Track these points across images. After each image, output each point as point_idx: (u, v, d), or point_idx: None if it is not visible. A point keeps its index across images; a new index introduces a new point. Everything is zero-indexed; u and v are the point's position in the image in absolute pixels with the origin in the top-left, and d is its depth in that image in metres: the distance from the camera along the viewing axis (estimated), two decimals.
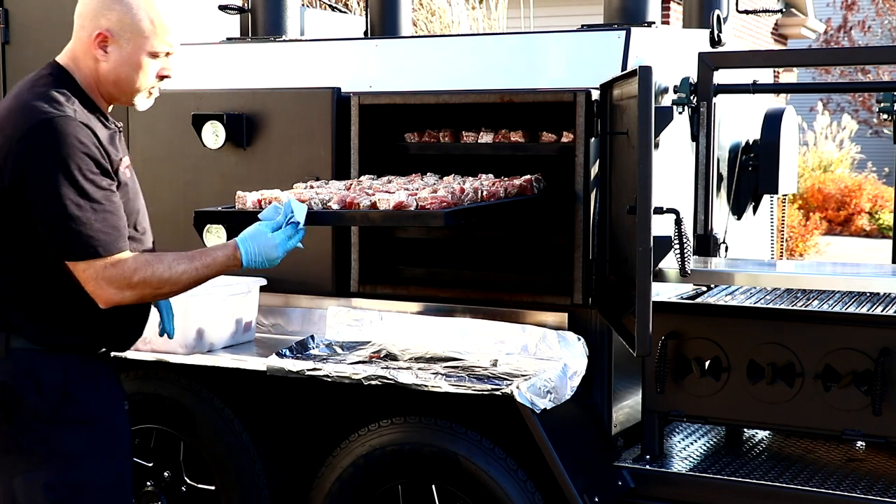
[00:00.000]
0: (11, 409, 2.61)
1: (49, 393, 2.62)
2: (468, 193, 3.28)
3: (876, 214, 17.72)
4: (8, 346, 2.62)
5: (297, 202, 2.83)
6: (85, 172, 2.55)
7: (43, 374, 2.62)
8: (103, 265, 2.57)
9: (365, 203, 3.15)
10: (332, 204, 3.20)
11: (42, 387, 2.62)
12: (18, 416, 2.61)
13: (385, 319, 3.73)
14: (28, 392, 2.61)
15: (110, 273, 2.58)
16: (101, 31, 2.67)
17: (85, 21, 2.71)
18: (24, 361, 2.62)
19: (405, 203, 3.08)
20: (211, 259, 2.71)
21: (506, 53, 3.85)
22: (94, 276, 2.57)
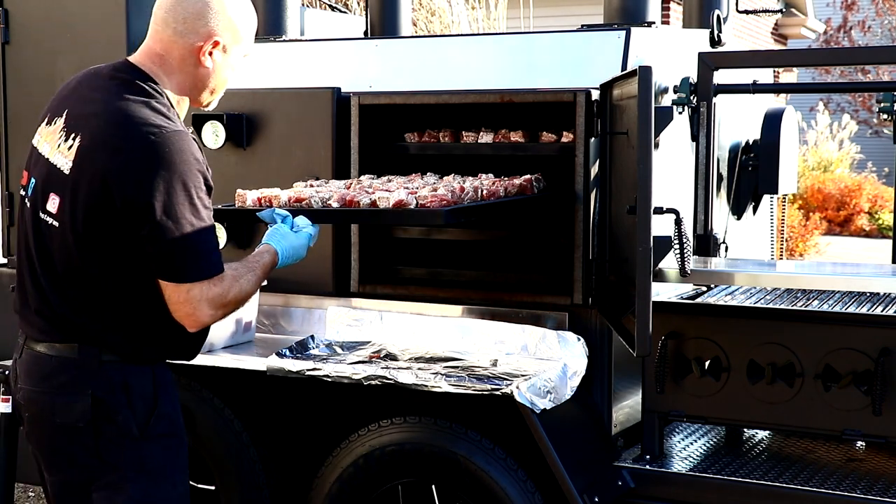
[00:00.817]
0: (102, 424, 2.56)
1: (140, 407, 2.58)
2: (468, 192, 3.29)
3: (876, 214, 17.72)
4: (100, 359, 2.56)
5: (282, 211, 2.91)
6: (198, 191, 2.51)
7: (134, 388, 2.58)
8: (209, 285, 2.52)
9: (365, 201, 3.16)
10: (331, 202, 3.21)
11: (133, 401, 2.58)
12: (108, 431, 2.56)
13: (385, 319, 3.73)
14: (120, 406, 2.56)
15: (213, 293, 2.53)
16: (214, 37, 2.62)
17: (186, 26, 2.61)
18: (117, 374, 2.57)
19: (405, 201, 3.11)
20: (263, 267, 2.71)
21: (506, 53, 3.85)
22: (197, 297, 2.51)
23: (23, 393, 2.63)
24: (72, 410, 2.55)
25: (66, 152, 2.53)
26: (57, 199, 2.53)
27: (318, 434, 3.84)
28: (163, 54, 2.64)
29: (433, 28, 9.88)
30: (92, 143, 2.49)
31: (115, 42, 4.30)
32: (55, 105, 2.68)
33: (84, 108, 2.57)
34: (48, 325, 2.59)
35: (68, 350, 2.57)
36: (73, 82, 2.70)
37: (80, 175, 2.49)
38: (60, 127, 2.58)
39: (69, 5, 4.41)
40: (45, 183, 2.57)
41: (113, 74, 2.61)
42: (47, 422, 2.58)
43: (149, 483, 2.59)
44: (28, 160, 2.70)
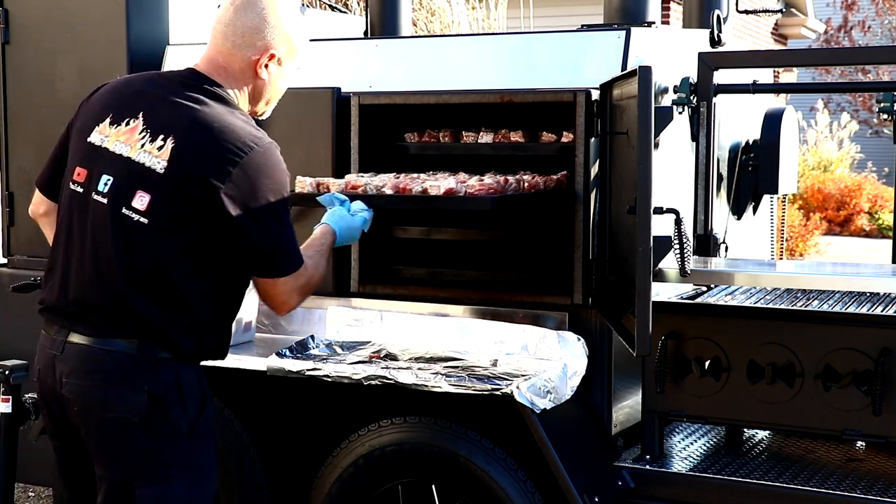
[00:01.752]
0: (155, 420, 2.62)
1: (190, 405, 2.68)
2: (511, 184, 3.46)
3: (876, 214, 17.72)
4: (157, 356, 2.63)
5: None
6: (286, 195, 2.71)
7: (185, 386, 2.67)
8: (297, 277, 2.72)
9: (417, 189, 3.40)
10: (385, 189, 3.43)
11: (185, 399, 2.66)
12: (159, 427, 2.63)
13: (385, 319, 3.73)
14: (174, 404, 2.64)
15: (300, 282, 2.74)
16: (271, 51, 2.76)
17: (244, 39, 2.74)
18: (171, 372, 2.65)
19: (455, 189, 3.35)
20: (328, 248, 2.95)
21: (506, 53, 3.85)
22: (291, 287, 2.72)
23: (71, 387, 2.65)
24: (127, 405, 2.60)
25: (155, 153, 2.61)
26: (147, 197, 2.60)
27: (318, 434, 3.84)
28: (225, 66, 2.77)
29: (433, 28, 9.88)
30: (190, 148, 2.60)
31: (115, 42, 4.30)
32: (118, 106, 2.74)
33: (169, 112, 2.66)
34: (109, 320, 2.63)
35: (127, 345, 2.62)
36: (135, 86, 2.78)
37: (176, 176, 2.59)
38: (140, 128, 2.66)
39: (69, 5, 4.41)
40: (129, 180, 2.63)
41: (187, 81, 2.74)
42: (100, 415, 2.63)
43: (192, 480, 2.68)
44: (83, 157, 2.73)
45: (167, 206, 2.60)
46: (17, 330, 4.57)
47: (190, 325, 2.67)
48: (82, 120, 2.79)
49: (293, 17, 2.80)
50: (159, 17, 4.43)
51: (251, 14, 2.73)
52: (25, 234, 4.61)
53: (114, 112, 2.72)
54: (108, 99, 2.78)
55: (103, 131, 2.71)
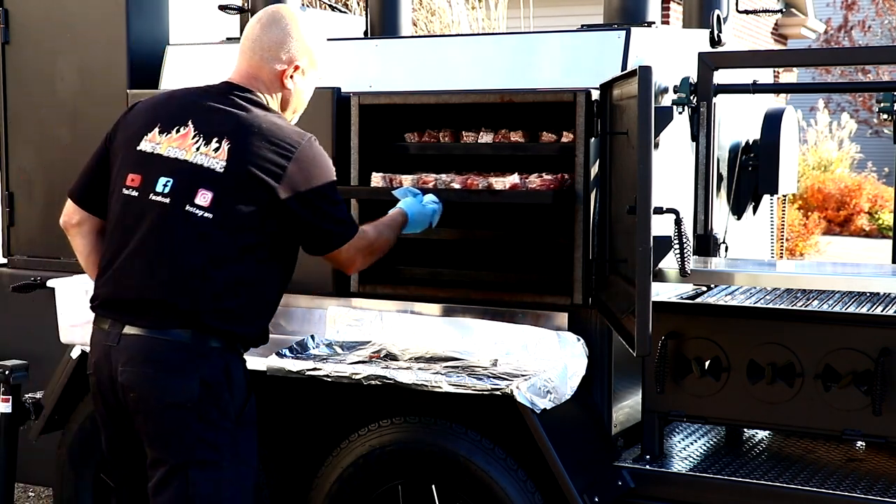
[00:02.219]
0: (206, 406, 2.82)
1: (238, 393, 2.90)
2: (567, 180, 3.54)
3: (876, 214, 17.72)
4: (209, 345, 2.85)
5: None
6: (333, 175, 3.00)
7: (234, 374, 2.90)
8: (357, 241, 3.03)
9: (482, 184, 3.60)
10: (453, 185, 3.63)
11: (233, 387, 2.89)
12: (211, 412, 2.83)
13: (385, 319, 3.73)
14: (223, 391, 2.86)
15: (362, 244, 3.06)
16: (295, 62, 3.03)
17: (271, 52, 3.01)
18: (221, 361, 2.87)
19: (518, 184, 3.54)
20: (397, 225, 3.27)
21: (506, 53, 3.85)
22: (353, 253, 3.03)
23: (128, 375, 2.84)
24: (181, 391, 2.81)
25: (212, 154, 2.86)
26: (210, 194, 2.84)
27: (318, 434, 3.84)
28: (256, 76, 3.03)
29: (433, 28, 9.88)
30: (245, 148, 2.86)
31: (115, 42, 4.31)
32: (164, 116, 2.98)
33: (216, 118, 2.93)
34: (165, 312, 2.83)
35: (182, 335, 2.83)
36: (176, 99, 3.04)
37: (236, 174, 2.84)
38: (191, 134, 2.91)
39: (69, 5, 4.41)
40: (190, 180, 2.86)
41: (225, 92, 3.00)
42: (156, 401, 2.82)
43: (239, 465, 2.89)
44: (135, 164, 2.94)
45: (229, 202, 2.84)
46: (17, 330, 4.58)
47: (242, 314, 2.91)
48: (125, 132, 3.02)
49: (313, 31, 3.08)
50: (159, 17, 4.43)
51: (276, 30, 3.01)
52: (25, 234, 4.61)
53: (161, 122, 2.96)
54: (152, 111, 3.02)
55: (153, 139, 2.95)
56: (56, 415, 4.10)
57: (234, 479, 2.87)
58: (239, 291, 2.88)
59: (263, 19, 3.03)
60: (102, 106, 4.33)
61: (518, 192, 3.55)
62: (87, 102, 4.41)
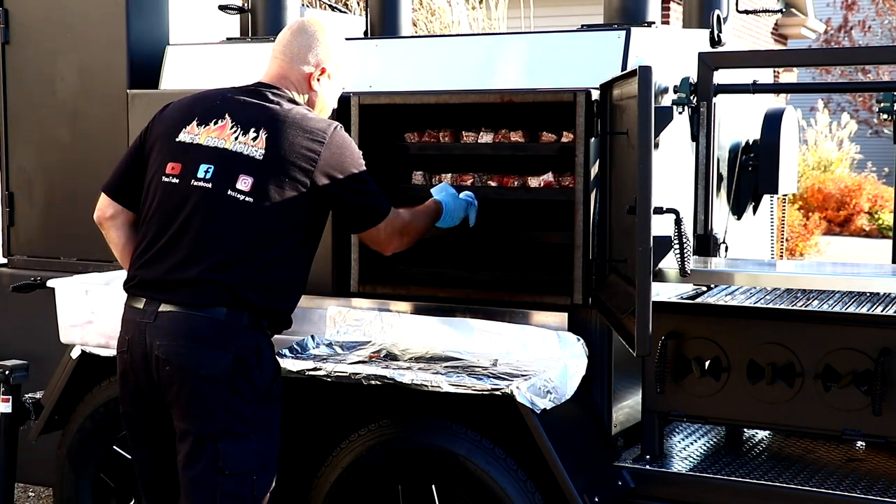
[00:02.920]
0: (237, 380, 2.97)
1: (267, 370, 3.06)
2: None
3: (876, 214, 17.72)
4: (243, 323, 3.01)
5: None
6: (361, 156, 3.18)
7: (264, 352, 3.06)
8: (392, 220, 3.22)
9: (517, 182, 3.72)
10: (490, 182, 3.76)
11: (263, 363, 3.04)
12: (242, 387, 2.98)
13: (385, 319, 3.73)
14: (254, 367, 3.01)
15: (398, 223, 3.25)
16: (323, 66, 3.22)
17: (300, 56, 3.21)
18: (253, 339, 3.03)
19: (552, 182, 3.65)
20: (432, 213, 3.45)
21: (506, 53, 3.85)
22: (391, 228, 3.22)
23: (165, 348, 2.98)
24: (216, 365, 2.96)
25: (251, 143, 3.05)
26: (250, 180, 3.02)
27: (318, 434, 3.84)
28: (286, 76, 3.22)
29: (433, 28, 9.88)
30: (282, 137, 3.05)
31: (115, 42, 4.31)
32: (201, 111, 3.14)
33: (252, 111, 3.11)
34: (203, 290, 2.99)
35: (217, 310, 2.98)
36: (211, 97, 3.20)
37: (275, 161, 3.03)
38: (229, 125, 3.09)
39: (69, 5, 4.41)
40: (231, 167, 3.04)
41: (257, 90, 3.18)
42: (192, 374, 2.96)
43: (266, 437, 3.05)
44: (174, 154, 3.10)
45: (268, 187, 3.01)
46: (17, 330, 4.58)
47: (277, 294, 3.08)
48: (162, 127, 3.18)
49: (340, 39, 3.28)
50: (159, 17, 4.44)
51: (305, 36, 3.22)
52: (25, 234, 4.61)
53: (199, 116, 3.14)
54: (188, 107, 3.19)
55: (192, 131, 3.12)
56: (56, 415, 4.10)
57: (261, 451, 3.02)
58: (275, 271, 3.05)
59: (294, 27, 3.25)
60: (102, 106, 4.33)
61: (551, 189, 3.64)
62: (87, 102, 4.41)
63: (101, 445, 4.06)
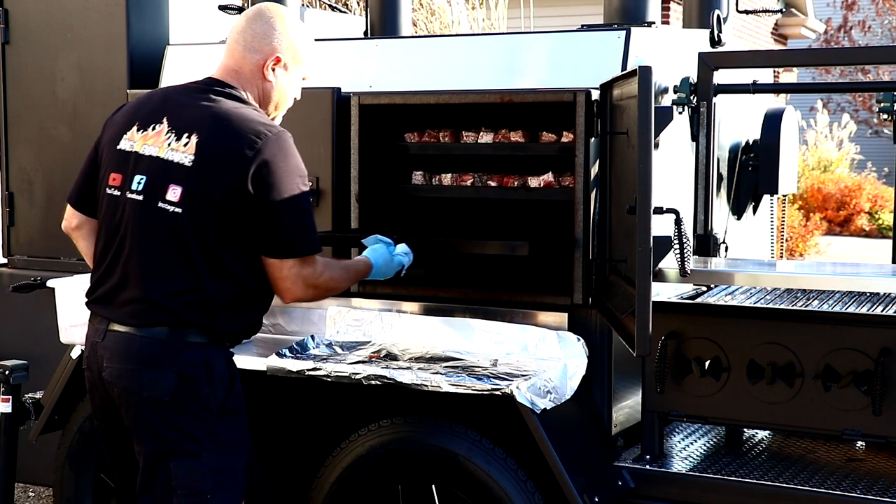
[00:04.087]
0: (184, 399, 2.84)
1: (218, 385, 2.90)
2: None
3: (876, 214, 17.72)
4: (186, 340, 2.86)
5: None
6: (304, 180, 2.91)
7: (214, 367, 2.90)
8: (304, 264, 2.90)
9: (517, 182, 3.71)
10: (490, 182, 3.75)
11: (213, 379, 2.89)
12: (189, 405, 2.85)
13: (385, 319, 3.73)
14: (203, 384, 2.86)
15: (307, 271, 2.92)
16: (277, 55, 3.02)
17: (254, 44, 3.01)
18: (200, 355, 2.88)
19: (553, 182, 3.64)
20: (356, 272, 3.16)
21: (506, 53, 3.85)
22: (296, 273, 2.90)
23: (110, 370, 2.89)
24: (158, 386, 2.84)
25: (182, 149, 2.86)
26: (179, 189, 2.84)
27: (318, 434, 3.84)
28: (237, 69, 3.03)
29: (433, 28, 9.87)
30: (212, 140, 2.85)
31: (115, 42, 4.31)
32: (143, 114, 2.98)
33: (190, 112, 2.92)
34: (145, 310, 2.86)
35: (159, 332, 2.86)
36: (157, 96, 3.04)
37: (203, 167, 2.83)
38: (165, 131, 2.91)
39: (69, 5, 4.41)
40: (162, 177, 2.86)
41: (205, 88, 2.99)
42: (136, 396, 2.86)
43: (222, 454, 2.90)
44: (116, 163, 2.97)
45: (198, 196, 2.83)
46: (17, 330, 4.58)
47: (221, 309, 2.89)
48: (109, 133, 3.04)
49: (299, 28, 3.07)
50: (159, 17, 4.44)
51: (260, 23, 3.02)
52: (25, 235, 4.61)
53: (140, 120, 2.98)
54: (133, 110, 3.04)
55: (132, 138, 2.96)
56: (56, 415, 4.10)
57: (217, 469, 2.88)
58: (219, 286, 2.87)
59: (251, 13, 3.06)
60: (102, 106, 4.33)
61: (552, 189, 3.62)
62: (87, 102, 4.41)
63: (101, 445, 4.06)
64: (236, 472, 2.95)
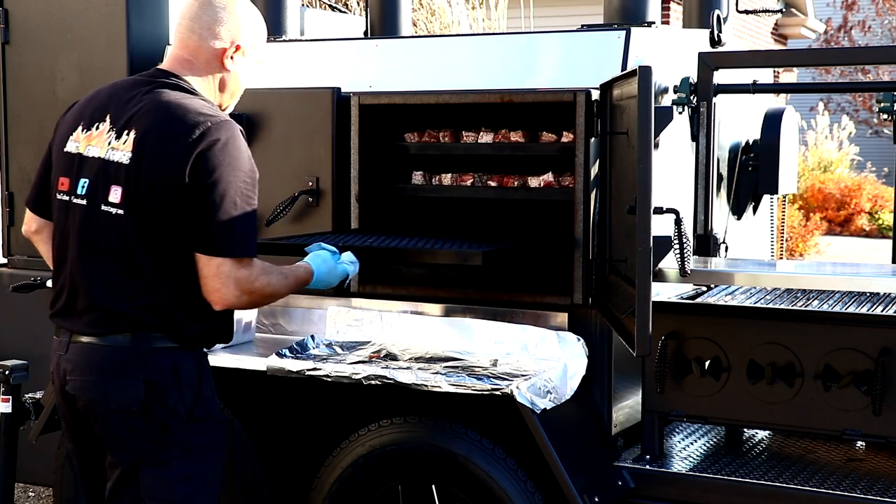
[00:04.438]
0: (152, 407, 2.74)
1: (187, 391, 2.78)
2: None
3: (876, 214, 17.72)
4: (151, 346, 2.75)
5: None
6: (246, 176, 2.73)
7: (182, 372, 2.78)
8: (238, 265, 2.70)
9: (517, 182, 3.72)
10: (490, 182, 3.75)
11: (182, 385, 2.77)
12: (158, 413, 2.74)
13: (385, 319, 3.73)
14: (171, 390, 2.75)
15: (240, 274, 2.71)
16: (236, 42, 2.87)
17: (211, 31, 2.85)
18: (167, 360, 2.76)
19: (553, 182, 3.64)
20: (296, 278, 2.93)
21: (506, 53, 3.85)
22: (226, 273, 2.69)
23: (73, 383, 2.79)
24: (126, 395, 2.73)
25: (121, 147, 2.73)
26: (120, 190, 2.72)
27: (318, 434, 3.84)
28: (191, 59, 2.87)
29: (433, 28, 9.88)
30: (149, 133, 2.70)
31: (115, 42, 4.30)
32: (88, 113, 2.87)
33: (130, 107, 2.78)
34: (102, 318, 2.76)
35: (122, 339, 2.74)
36: (103, 93, 2.90)
37: (141, 163, 2.69)
38: (107, 129, 2.78)
39: (69, 5, 4.41)
40: (104, 179, 2.75)
41: (149, 80, 2.85)
42: (103, 407, 2.76)
43: (191, 461, 2.79)
44: (64, 168, 2.86)
45: (138, 194, 2.69)
46: (17, 330, 4.57)
47: (182, 311, 2.76)
48: (60, 134, 2.93)
49: (253, 13, 2.94)
50: (159, 17, 4.43)
51: (215, 8, 2.86)
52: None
53: (85, 120, 2.86)
54: (80, 109, 2.92)
55: (77, 139, 2.84)
56: (56, 415, 4.08)
57: (187, 477, 2.78)
58: (167, 285, 2.73)
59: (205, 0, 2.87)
60: None
61: (551, 189, 3.62)
62: None
63: None
64: (208, 479, 2.84)
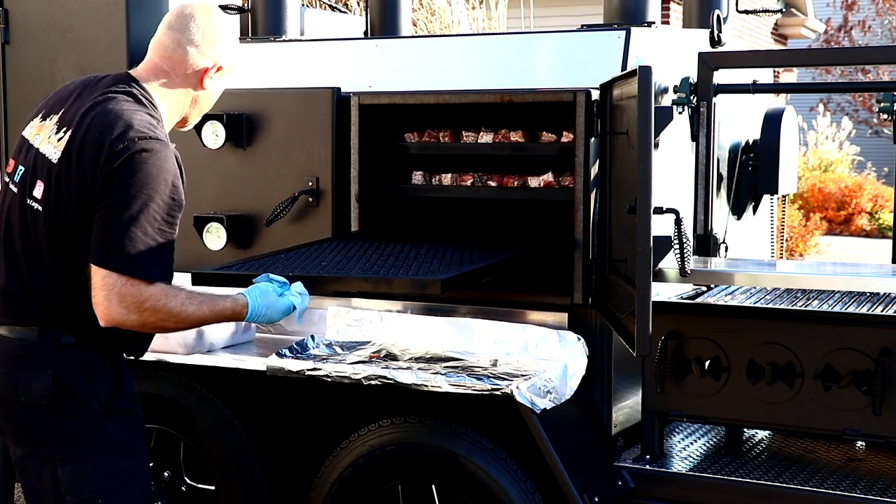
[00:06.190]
0: (62, 401, 2.70)
1: (99, 385, 2.74)
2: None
3: (876, 214, 17.72)
4: (59, 342, 2.72)
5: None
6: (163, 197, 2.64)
7: (92, 368, 2.74)
8: (127, 283, 2.60)
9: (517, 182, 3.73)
10: (490, 182, 3.76)
11: (93, 380, 2.73)
12: (69, 407, 2.71)
13: (385, 319, 3.73)
14: (79, 384, 2.72)
15: (127, 290, 2.61)
16: (218, 63, 2.86)
17: (198, 49, 2.82)
18: (74, 357, 2.73)
19: (553, 182, 3.65)
20: (219, 308, 2.77)
21: (506, 53, 3.85)
22: (109, 287, 2.60)
23: None
24: (34, 389, 2.71)
25: (55, 143, 2.72)
26: (42, 186, 2.71)
27: (318, 434, 3.84)
28: (168, 70, 2.84)
29: (433, 28, 9.87)
30: (80, 136, 2.68)
31: (115, 42, 4.30)
32: (51, 103, 2.87)
33: (78, 107, 2.76)
34: (13, 307, 2.75)
35: (29, 332, 2.73)
36: (73, 85, 2.89)
37: (65, 164, 2.68)
38: (55, 122, 2.77)
39: (69, 5, 4.41)
40: (33, 171, 2.75)
41: (112, 82, 2.81)
42: (13, 401, 2.74)
43: (111, 455, 2.75)
44: (17, 150, 2.87)
45: (57, 194, 2.68)
46: None
47: (81, 313, 2.71)
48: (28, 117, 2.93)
49: (233, 32, 2.95)
50: (159, 17, 4.41)
51: (205, 26, 2.84)
52: None
53: (45, 108, 2.86)
54: (49, 97, 2.92)
55: (33, 126, 2.85)
56: None
57: (108, 471, 2.73)
58: (75, 292, 2.70)
59: (188, 13, 2.84)
60: None
61: (551, 189, 3.62)
62: None
63: None
64: (133, 476, 2.80)
